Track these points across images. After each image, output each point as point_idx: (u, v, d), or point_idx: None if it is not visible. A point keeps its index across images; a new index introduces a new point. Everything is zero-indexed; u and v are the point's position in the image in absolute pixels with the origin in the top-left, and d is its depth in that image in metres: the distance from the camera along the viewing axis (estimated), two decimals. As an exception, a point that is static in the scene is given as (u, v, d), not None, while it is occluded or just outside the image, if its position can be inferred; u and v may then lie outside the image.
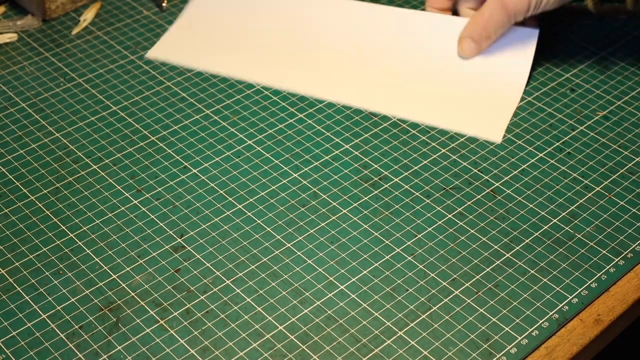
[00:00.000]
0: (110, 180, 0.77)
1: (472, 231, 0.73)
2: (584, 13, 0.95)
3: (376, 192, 0.76)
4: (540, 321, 0.66)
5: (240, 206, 0.75)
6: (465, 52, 0.86)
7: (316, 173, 0.78)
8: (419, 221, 0.73)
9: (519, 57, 0.84)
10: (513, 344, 0.64)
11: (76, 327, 0.65)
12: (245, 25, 0.88)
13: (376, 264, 0.70)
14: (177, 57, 0.88)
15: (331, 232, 0.73)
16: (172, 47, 0.90)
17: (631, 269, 0.70)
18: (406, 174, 0.77)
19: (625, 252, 0.71)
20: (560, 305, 0.67)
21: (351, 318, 0.66)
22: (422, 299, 0.67)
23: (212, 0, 0.92)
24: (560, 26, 0.94)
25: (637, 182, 0.77)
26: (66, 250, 0.71)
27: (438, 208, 0.75)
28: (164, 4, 0.97)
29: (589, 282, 0.69)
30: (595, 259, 0.70)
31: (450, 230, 0.73)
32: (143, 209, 0.74)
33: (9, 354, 0.63)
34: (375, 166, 0.79)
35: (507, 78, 0.84)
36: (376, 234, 0.72)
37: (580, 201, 0.75)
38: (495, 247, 0.71)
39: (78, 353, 0.64)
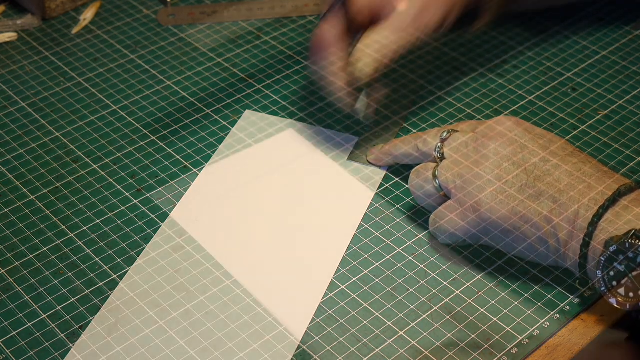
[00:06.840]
0: (110, 180, 0.77)
1: (473, 231, 0.73)
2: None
3: (377, 191, 0.76)
4: (542, 321, 0.66)
5: (240, 206, 0.75)
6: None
7: (316, 173, 0.78)
8: (419, 220, 0.73)
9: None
10: (514, 344, 0.64)
11: (76, 327, 0.65)
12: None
13: (377, 264, 0.70)
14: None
15: (332, 232, 0.73)
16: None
17: (632, 268, 0.70)
18: (407, 173, 0.77)
19: (627, 252, 0.71)
20: (562, 305, 0.67)
21: (352, 318, 0.66)
22: (423, 299, 0.67)
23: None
24: (561, 26, 0.94)
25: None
26: (66, 250, 0.71)
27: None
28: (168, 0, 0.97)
29: (592, 281, 0.69)
30: (596, 258, 0.70)
31: (451, 229, 0.72)
32: (143, 208, 0.74)
33: (9, 353, 0.63)
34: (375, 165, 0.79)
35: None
36: (377, 233, 0.72)
37: (581, 201, 0.75)
38: (496, 246, 0.71)
39: (77, 354, 0.64)
